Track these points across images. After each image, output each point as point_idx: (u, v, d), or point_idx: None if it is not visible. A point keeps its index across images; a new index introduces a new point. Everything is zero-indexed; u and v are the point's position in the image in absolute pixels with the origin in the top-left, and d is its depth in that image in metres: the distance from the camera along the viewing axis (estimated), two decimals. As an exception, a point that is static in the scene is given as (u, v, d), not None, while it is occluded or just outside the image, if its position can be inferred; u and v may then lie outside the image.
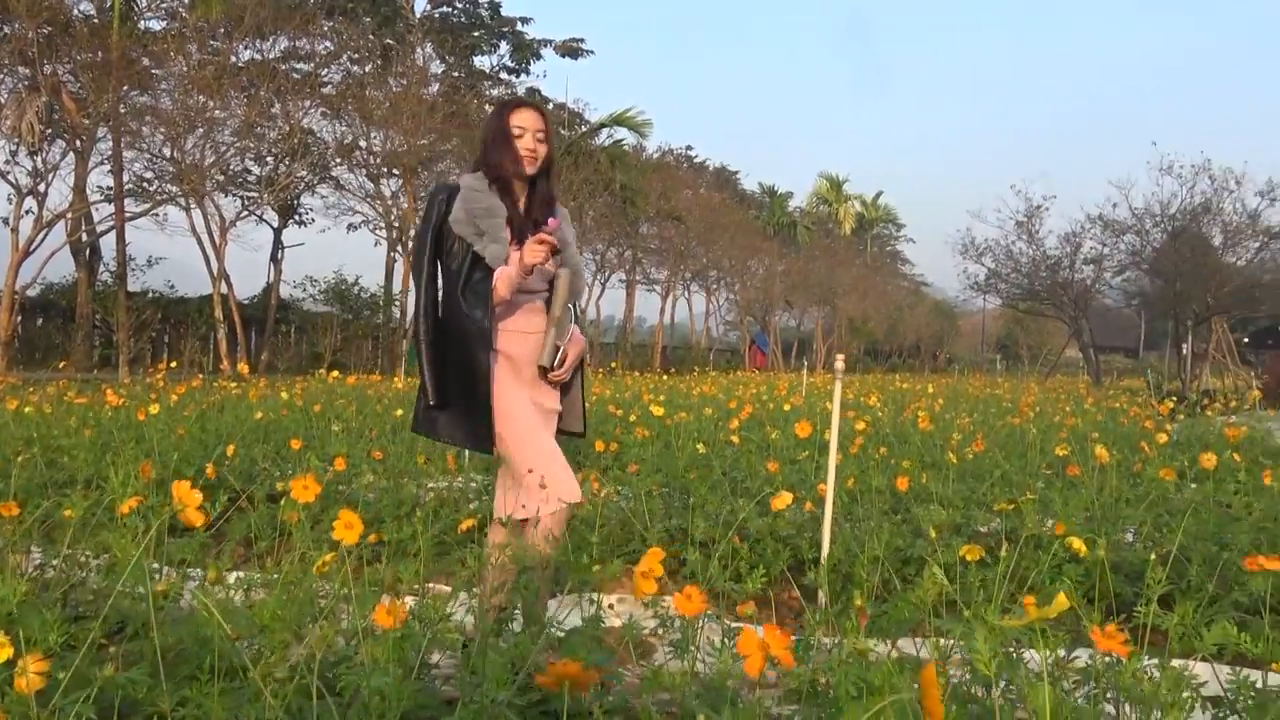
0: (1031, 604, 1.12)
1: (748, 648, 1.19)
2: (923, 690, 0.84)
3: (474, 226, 2.80)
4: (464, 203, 2.83)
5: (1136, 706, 1.56)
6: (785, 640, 1.19)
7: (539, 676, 0.96)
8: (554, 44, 30.17)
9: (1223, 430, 6.28)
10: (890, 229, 62.75)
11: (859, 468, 5.06)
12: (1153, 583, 1.75)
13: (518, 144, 2.84)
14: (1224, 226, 24.25)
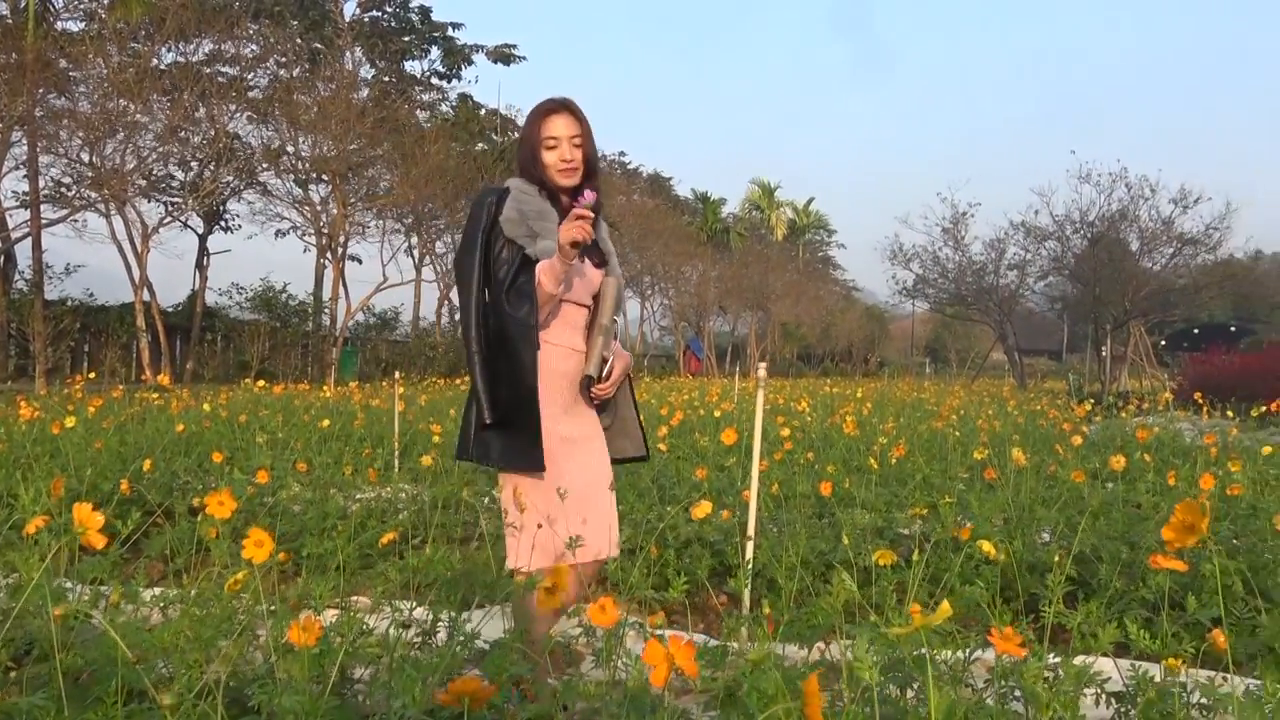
0: (918, 611, 1.16)
1: (653, 658, 1.21)
2: (804, 700, 0.87)
3: (526, 227, 2.61)
4: (516, 204, 2.65)
5: (1032, 704, 1.61)
6: (689, 650, 1.21)
7: (438, 694, 0.97)
8: (486, 50, 30.06)
9: (1124, 431, 6.49)
10: (822, 235, 63.58)
11: (786, 473, 5.13)
12: (1053, 584, 1.81)
13: (553, 155, 2.66)
14: (1140, 233, 25.05)
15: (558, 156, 2.65)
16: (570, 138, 2.65)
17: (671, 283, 40.08)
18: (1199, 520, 1.19)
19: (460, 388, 13.63)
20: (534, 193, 2.66)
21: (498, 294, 2.60)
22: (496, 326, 2.60)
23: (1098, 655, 2.36)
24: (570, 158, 2.65)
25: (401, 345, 26.70)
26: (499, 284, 2.60)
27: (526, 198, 2.64)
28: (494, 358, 2.61)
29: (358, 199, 23.96)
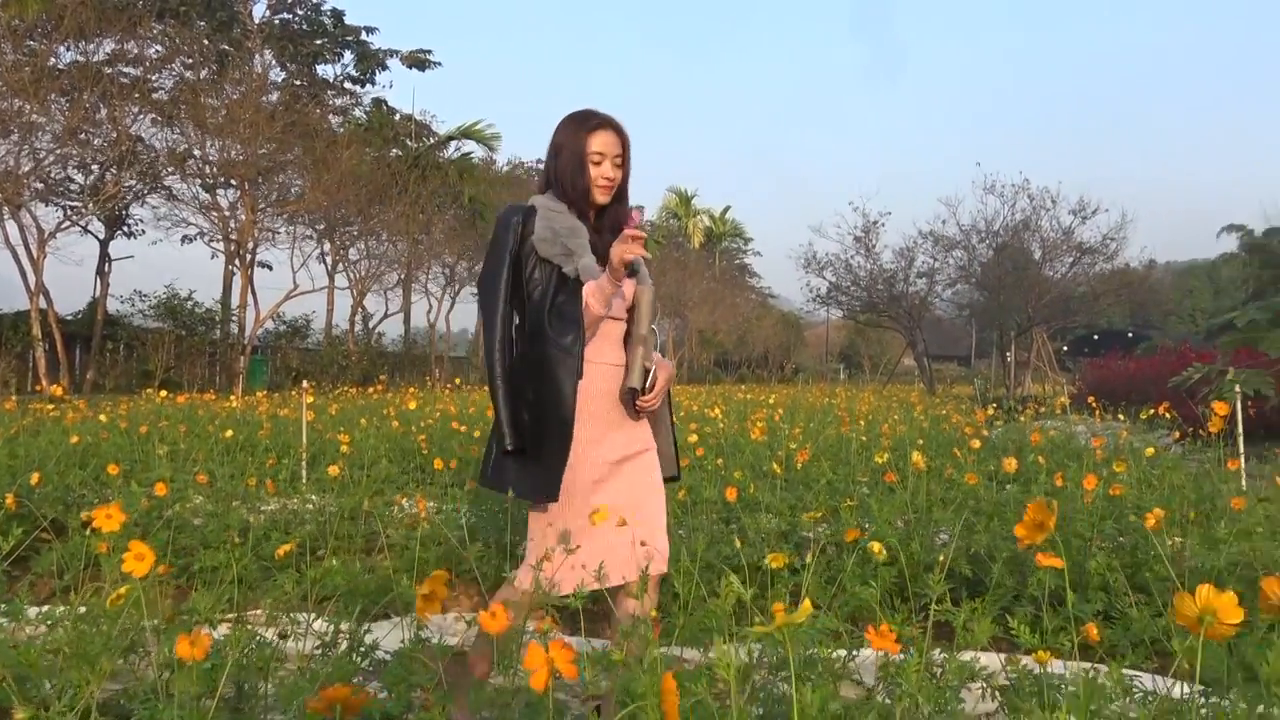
0: (780, 610, 1.20)
1: (533, 662, 1.23)
2: (661, 696, 0.90)
3: (562, 245, 2.52)
4: (547, 221, 2.55)
5: (915, 698, 1.68)
6: (568, 654, 1.23)
7: (309, 701, 0.98)
8: (400, 55, 29.74)
9: (1024, 435, 6.72)
10: (738, 243, 64.29)
11: (695, 479, 5.18)
12: (934, 583, 1.88)
13: (595, 171, 2.58)
14: (1042, 242, 25.93)
15: (600, 173, 2.58)
16: (614, 156, 2.60)
17: (589, 290, 40.06)
18: (1048, 519, 1.25)
19: (374, 397, 13.44)
20: (563, 210, 2.58)
21: (537, 317, 2.51)
22: (536, 352, 2.50)
23: (986, 651, 2.46)
24: (611, 176, 2.60)
25: (313, 354, 26.19)
26: (535, 306, 2.52)
27: (556, 215, 2.56)
28: (524, 384, 2.52)
29: (268, 204, 23.45)
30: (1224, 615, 0.97)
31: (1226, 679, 2.03)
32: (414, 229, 26.48)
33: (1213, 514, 4.21)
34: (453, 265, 31.05)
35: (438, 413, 9.49)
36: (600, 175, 2.58)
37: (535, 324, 2.51)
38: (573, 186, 2.58)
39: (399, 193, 25.56)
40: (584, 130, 2.59)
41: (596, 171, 2.58)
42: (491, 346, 2.55)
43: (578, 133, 2.59)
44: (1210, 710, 2.09)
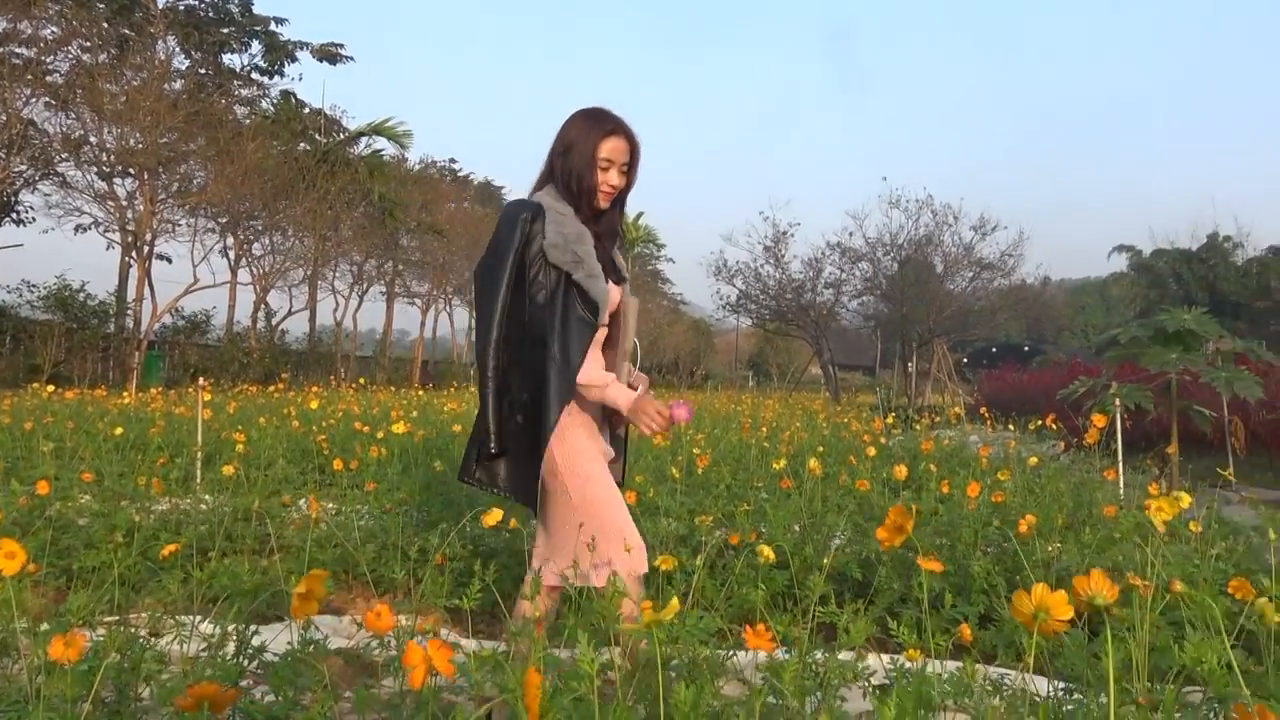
0: (649, 608, 1.24)
1: (412, 660, 1.25)
2: (524, 691, 0.93)
3: (572, 253, 2.46)
4: (557, 226, 2.48)
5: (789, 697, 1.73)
6: (446, 652, 1.25)
7: (177, 699, 0.98)
8: (311, 47, 29.13)
9: (921, 444, 6.92)
10: (651, 249, 64.56)
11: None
12: (815, 585, 1.94)
13: (601, 177, 2.53)
14: (944, 256, 26.74)
15: (605, 179, 2.54)
16: (622, 164, 2.55)
17: (501, 292, 39.82)
18: (906, 521, 1.32)
19: (274, 396, 13.14)
20: (569, 213, 2.52)
21: (539, 322, 2.46)
22: (535, 359, 2.46)
23: (870, 652, 2.54)
24: (616, 184, 2.56)
25: (213, 350, 25.44)
26: (537, 308, 2.46)
27: (564, 219, 2.51)
28: (519, 389, 2.49)
29: (168, 195, 22.72)
30: (1055, 612, 1.05)
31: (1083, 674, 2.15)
32: (321, 225, 25.98)
33: (1089, 521, 4.41)
34: (361, 263, 30.55)
35: (340, 413, 9.34)
36: (605, 181, 2.54)
37: (537, 329, 2.47)
38: (579, 187, 2.53)
39: (306, 188, 25.03)
40: (597, 132, 2.53)
41: (602, 177, 2.53)
42: (485, 347, 2.49)
43: (590, 133, 2.53)
44: (1074, 705, 2.20)
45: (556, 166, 2.57)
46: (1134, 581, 1.44)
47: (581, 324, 2.46)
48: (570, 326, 2.46)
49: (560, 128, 2.60)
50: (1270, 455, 10.78)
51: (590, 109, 2.59)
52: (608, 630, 1.89)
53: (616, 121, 2.56)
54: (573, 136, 2.55)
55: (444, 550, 4.04)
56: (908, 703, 1.29)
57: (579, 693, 1.60)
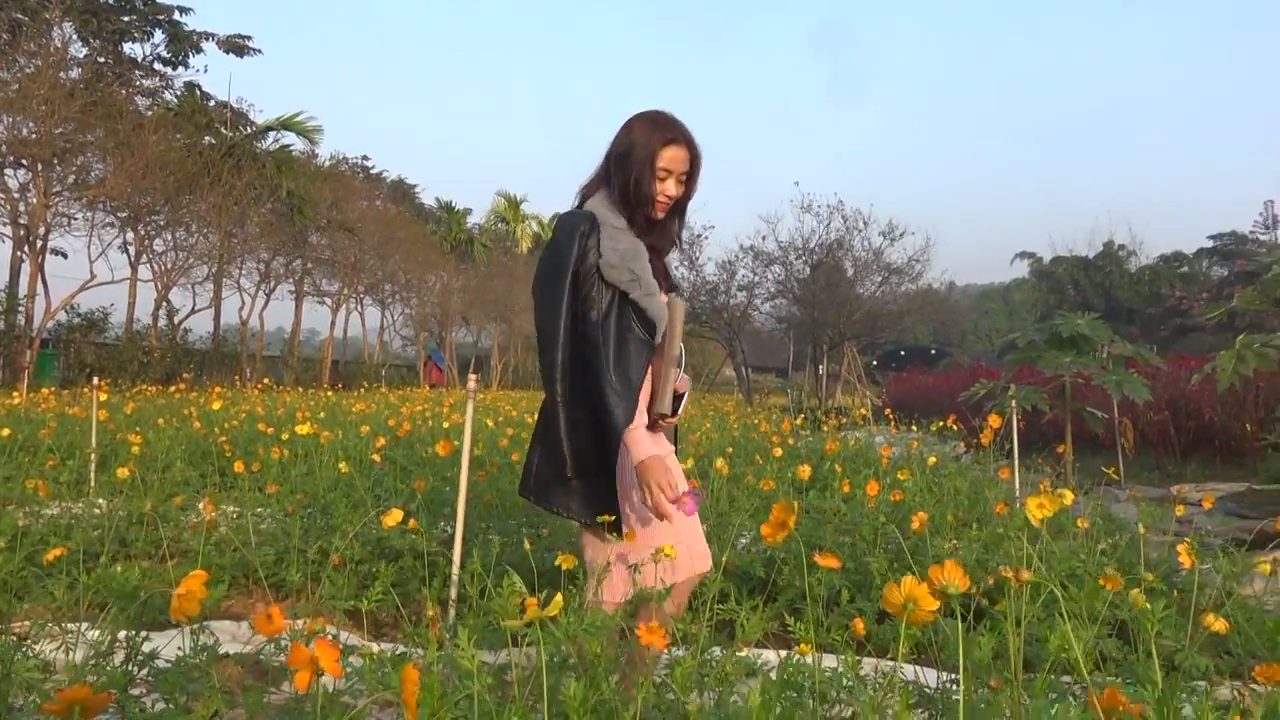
0: (534, 604, 1.26)
1: (297, 661, 1.24)
2: (401, 686, 0.93)
3: (629, 271, 2.39)
4: (613, 243, 2.40)
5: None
6: (334, 653, 1.24)
7: (45, 705, 0.95)
8: (217, 38, 28.34)
9: (826, 444, 7.06)
10: (567, 250, 64.43)
11: (507, 483, 5.20)
12: (711, 582, 1.98)
13: (658, 186, 2.43)
14: (854, 261, 27.28)
15: (663, 189, 2.44)
16: (680, 174, 2.45)
17: (414, 292, 39.33)
18: (789, 518, 1.36)
19: (175, 396, 12.77)
20: (623, 226, 2.44)
21: (594, 341, 2.38)
22: (593, 382, 2.37)
23: (771, 648, 2.60)
24: (673, 194, 2.46)
25: (112, 349, 24.55)
26: (591, 326, 2.38)
27: (618, 233, 2.42)
28: (583, 412, 2.42)
29: (64, 188, 21.86)
30: (923, 603, 1.10)
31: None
32: (227, 221, 25.28)
33: (982, 518, 4.55)
34: (268, 261, 29.83)
35: (243, 414, 9.12)
36: (662, 191, 2.45)
37: (592, 347, 2.39)
38: (635, 195, 2.43)
39: (211, 182, 24.33)
40: (657, 139, 2.43)
41: (659, 187, 2.44)
42: (552, 369, 2.42)
43: (650, 140, 2.43)
44: (957, 694, 2.27)
45: (612, 173, 2.48)
46: (1006, 574, 1.51)
47: (639, 343, 2.41)
48: (628, 345, 2.40)
49: (618, 132, 2.51)
50: (1157, 455, 11.26)
51: (651, 113, 2.49)
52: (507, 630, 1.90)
53: (677, 129, 2.46)
54: (631, 142, 2.45)
55: (346, 552, 3.99)
56: (773, 691, 1.33)
57: (471, 691, 1.61)
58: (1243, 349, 5.94)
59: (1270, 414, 9.88)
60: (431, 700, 1.45)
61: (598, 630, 1.80)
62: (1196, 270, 42.67)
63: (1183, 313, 34.79)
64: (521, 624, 1.21)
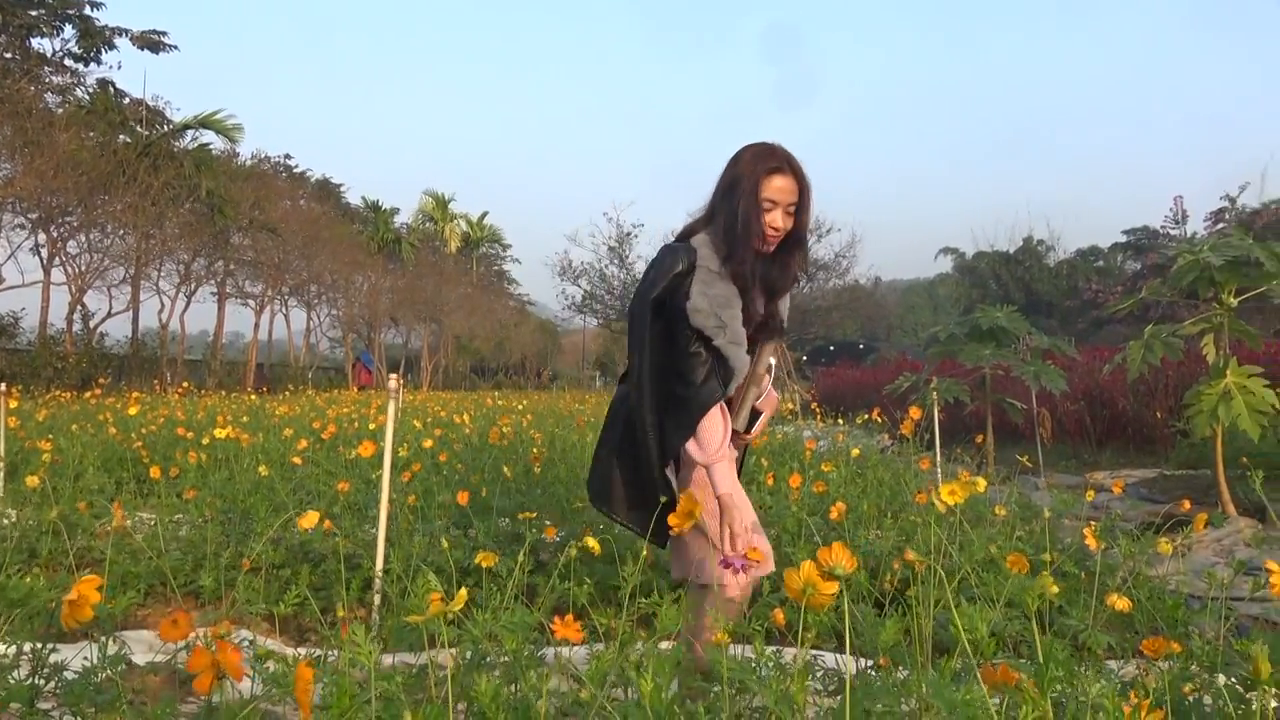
0: (437, 599, 1.25)
1: (197, 664, 1.22)
2: (295, 685, 0.93)
3: (716, 318, 2.38)
4: (704, 288, 2.39)
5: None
6: (236, 656, 1.22)
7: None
8: (131, 34, 27.56)
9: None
10: (496, 249, 64.07)
11: (431, 483, 5.15)
12: (629, 575, 1.99)
13: (765, 218, 2.38)
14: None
15: (769, 221, 2.39)
16: (788, 205, 2.40)
17: (341, 293, 38.70)
18: (695, 508, 1.37)
19: (91, 402, 12.38)
20: (720, 272, 2.40)
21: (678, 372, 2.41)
22: (677, 408, 2.41)
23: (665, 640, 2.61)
24: (780, 226, 2.40)
25: (23, 355, 23.73)
26: (681, 359, 2.41)
27: (714, 278, 2.40)
28: (670, 432, 2.43)
29: (-32, 189, 21.08)
30: (821, 588, 1.12)
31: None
32: (144, 222, 24.59)
33: (904, 507, 4.64)
34: (188, 262, 29.10)
35: (162, 418, 8.89)
36: (769, 224, 2.39)
37: (681, 382, 2.42)
38: (741, 230, 2.38)
39: (127, 182, 23.66)
40: (762, 170, 2.39)
41: (766, 219, 2.39)
42: (639, 402, 2.45)
43: (754, 172, 2.39)
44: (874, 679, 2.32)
45: (718, 207, 2.45)
46: (909, 558, 1.54)
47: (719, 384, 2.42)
48: (705, 387, 2.40)
49: (725, 164, 2.49)
50: (1074, 443, 11.58)
51: (757, 145, 2.45)
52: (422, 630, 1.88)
53: (782, 158, 2.41)
54: (736, 174, 2.42)
55: (266, 557, 3.92)
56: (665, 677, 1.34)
57: (382, 690, 1.59)
58: (1150, 339, 6.13)
59: (1179, 402, 10.24)
60: (342, 701, 1.44)
61: (514, 628, 1.79)
62: (1112, 264, 43.98)
63: (1099, 305, 35.85)
64: (424, 619, 1.20)
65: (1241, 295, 5.89)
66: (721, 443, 2.37)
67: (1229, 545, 5.23)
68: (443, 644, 2.40)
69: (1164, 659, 1.59)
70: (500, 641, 1.99)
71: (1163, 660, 1.76)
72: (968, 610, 1.42)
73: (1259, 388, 5.56)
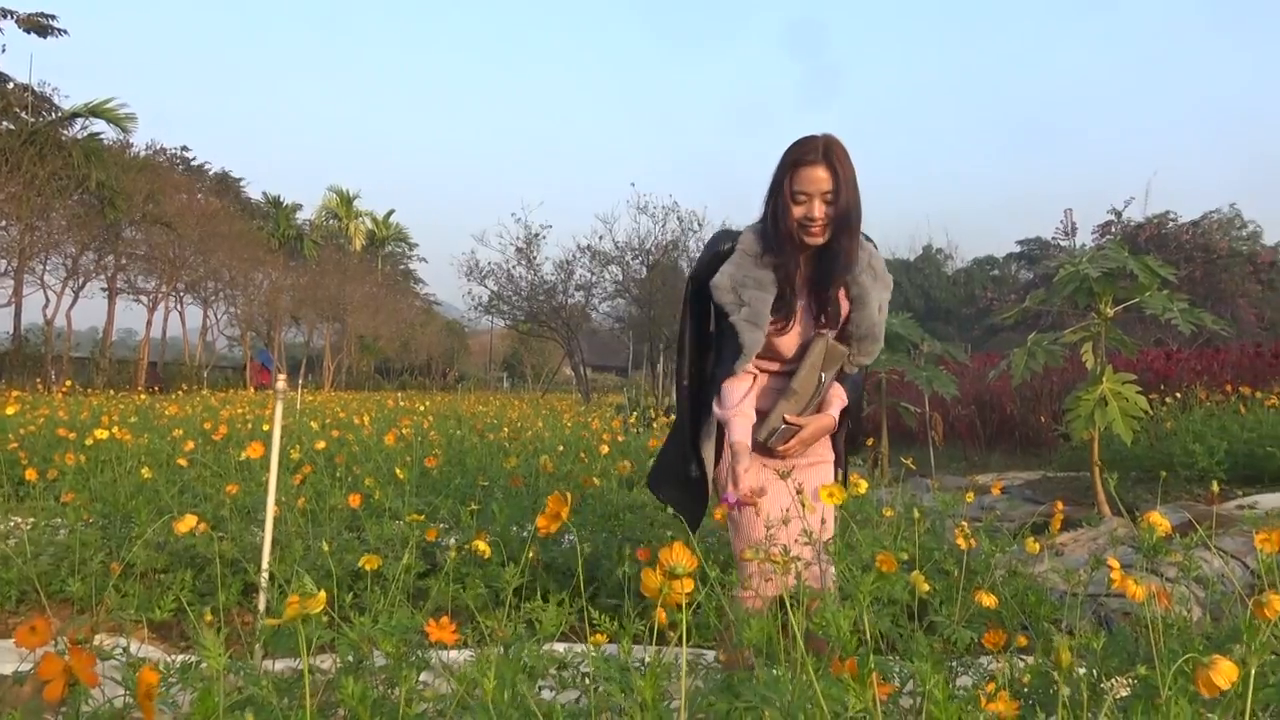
0: (295, 602, 1.25)
1: (48, 671, 1.19)
2: (136, 687, 0.92)
3: (736, 295, 2.42)
4: (734, 268, 2.44)
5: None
6: (89, 661, 1.20)
7: None
8: (16, 16, 26.36)
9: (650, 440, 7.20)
10: (403, 247, 63.10)
11: (323, 485, 5.07)
12: (509, 578, 2.00)
13: (800, 210, 2.36)
14: (690, 261, 27.79)
15: (804, 213, 2.37)
16: (823, 194, 2.35)
17: (239, 290, 37.65)
18: (562, 508, 1.39)
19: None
20: (757, 254, 2.44)
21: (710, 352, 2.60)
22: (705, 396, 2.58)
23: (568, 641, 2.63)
24: (817, 216, 2.36)
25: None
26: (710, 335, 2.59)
27: (748, 261, 2.45)
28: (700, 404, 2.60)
29: None
30: (677, 586, 1.15)
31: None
32: (28, 213, 23.58)
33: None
34: (76, 256, 27.98)
35: (42, 418, 8.54)
36: (804, 216, 2.37)
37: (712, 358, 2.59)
38: (774, 229, 2.41)
39: (10, 171, 22.65)
40: (790, 166, 2.39)
41: (801, 211, 2.37)
42: (678, 372, 2.66)
43: (783, 167, 2.40)
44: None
45: (765, 201, 2.48)
46: (774, 558, 1.59)
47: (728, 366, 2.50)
48: (722, 367, 2.50)
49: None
50: (965, 446, 11.96)
51: (797, 140, 2.43)
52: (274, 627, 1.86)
53: (810, 150, 2.39)
54: (775, 171, 2.44)
55: (148, 562, 3.81)
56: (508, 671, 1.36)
57: (255, 697, 1.57)
58: (1034, 346, 6.38)
59: (1062, 407, 10.67)
60: (208, 706, 1.42)
61: (392, 631, 1.79)
62: (1007, 273, 45.49)
63: (994, 313, 37.06)
64: (284, 620, 1.19)
65: (1119, 305, 6.16)
66: (740, 400, 2.46)
67: (1103, 544, 5.47)
68: (325, 648, 2.38)
69: (1012, 652, 1.67)
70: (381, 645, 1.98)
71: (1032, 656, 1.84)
72: (830, 608, 1.47)
73: (1132, 394, 5.83)
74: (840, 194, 2.36)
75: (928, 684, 1.16)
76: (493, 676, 1.17)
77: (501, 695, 1.22)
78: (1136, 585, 1.82)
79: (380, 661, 2.08)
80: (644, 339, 33.33)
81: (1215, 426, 8.13)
